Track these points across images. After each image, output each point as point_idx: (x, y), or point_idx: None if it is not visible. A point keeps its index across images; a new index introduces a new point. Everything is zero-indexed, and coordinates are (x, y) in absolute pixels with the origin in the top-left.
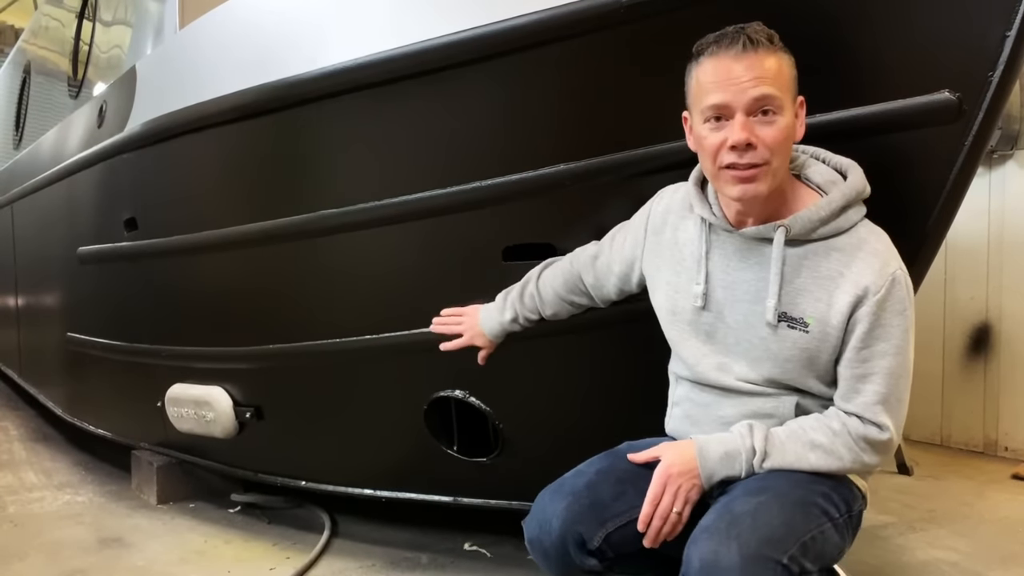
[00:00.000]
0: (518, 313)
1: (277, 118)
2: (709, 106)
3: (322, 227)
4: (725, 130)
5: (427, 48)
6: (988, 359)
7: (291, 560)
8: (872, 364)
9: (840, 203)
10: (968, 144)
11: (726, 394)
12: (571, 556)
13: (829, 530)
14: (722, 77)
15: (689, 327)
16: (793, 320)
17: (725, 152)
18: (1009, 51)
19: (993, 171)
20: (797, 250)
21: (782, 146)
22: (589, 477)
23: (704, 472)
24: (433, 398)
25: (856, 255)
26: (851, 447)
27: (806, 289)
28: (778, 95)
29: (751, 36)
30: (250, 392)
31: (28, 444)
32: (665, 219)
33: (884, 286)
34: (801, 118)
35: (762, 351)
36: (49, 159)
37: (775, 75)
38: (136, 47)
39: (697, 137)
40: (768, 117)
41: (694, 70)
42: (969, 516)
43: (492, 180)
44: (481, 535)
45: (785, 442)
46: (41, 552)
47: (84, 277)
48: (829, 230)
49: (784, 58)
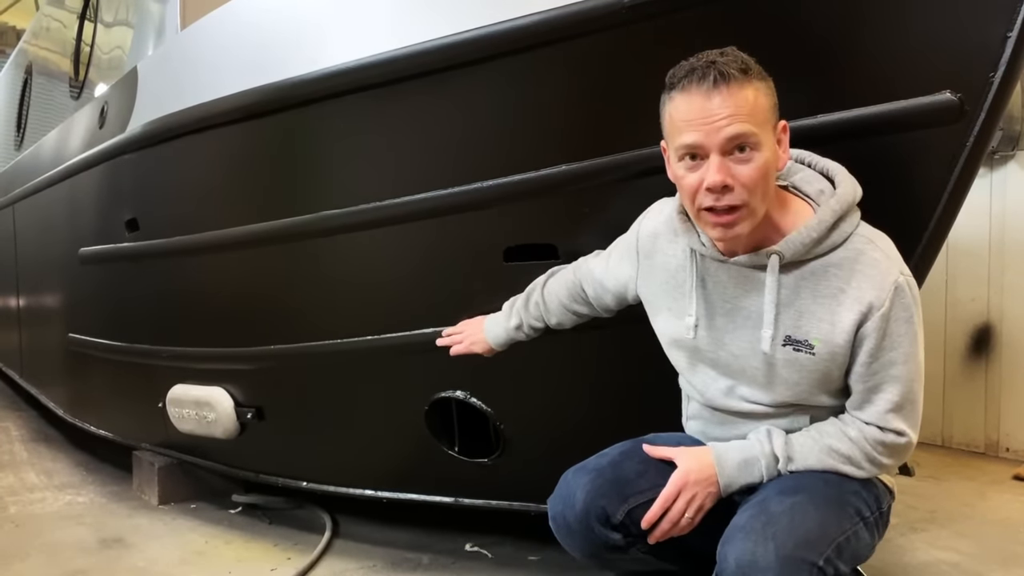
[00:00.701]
0: (523, 321)
1: (278, 119)
2: (682, 145)
3: (323, 228)
4: (701, 170)
5: (429, 49)
6: (989, 360)
7: (292, 561)
8: (883, 375)
9: (831, 219)
10: (969, 145)
11: (739, 416)
12: (594, 531)
13: (861, 530)
14: (693, 116)
15: (695, 355)
16: (799, 343)
17: (702, 194)
18: (1010, 52)
19: (994, 172)
20: (794, 273)
21: (760, 184)
22: (612, 457)
23: (723, 480)
24: (434, 399)
25: (855, 269)
26: (869, 453)
27: (808, 311)
28: (754, 131)
29: (721, 70)
30: (251, 393)
31: (29, 445)
32: (654, 243)
33: (887, 298)
34: (784, 144)
35: (770, 377)
36: (50, 160)
37: (750, 110)
38: (137, 48)
39: (674, 175)
40: (745, 155)
41: (666, 104)
42: (970, 517)
43: (494, 181)
44: (482, 536)
45: (805, 446)
46: (42, 552)
47: (85, 278)
48: (824, 248)
49: (760, 87)
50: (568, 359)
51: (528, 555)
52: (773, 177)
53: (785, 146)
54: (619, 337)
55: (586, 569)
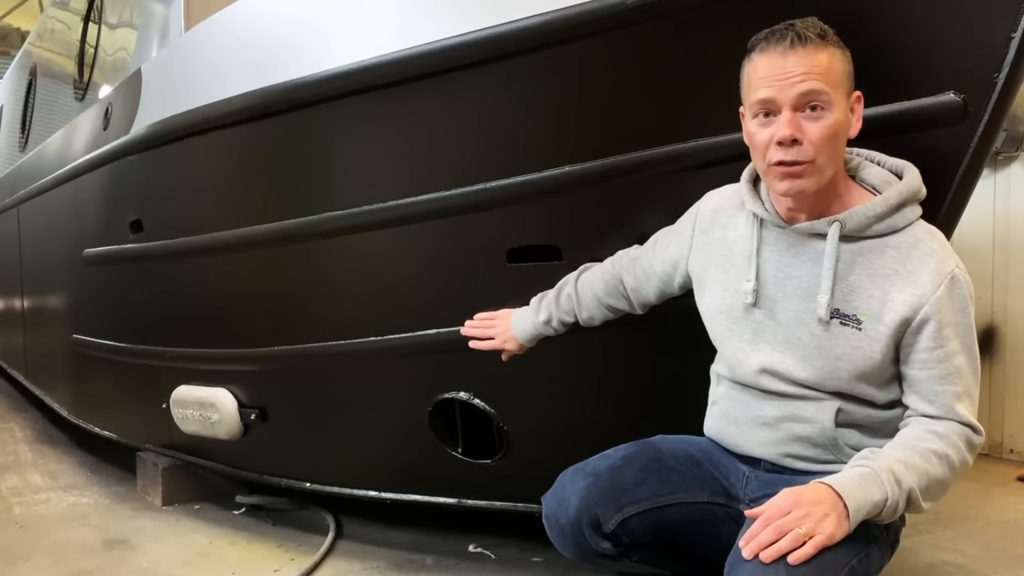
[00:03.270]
0: (552, 315)
1: (282, 120)
2: (756, 101)
3: (326, 229)
4: (773, 126)
5: (432, 50)
6: (993, 361)
7: (296, 562)
8: (948, 364)
9: (896, 200)
10: (973, 146)
11: (766, 396)
12: (585, 536)
13: (874, 550)
14: (770, 73)
15: (737, 325)
16: (846, 317)
17: (773, 148)
18: (1014, 52)
19: (998, 173)
20: (851, 246)
21: (829, 143)
22: (614, 461)
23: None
24: (438, 400)
25: (912, 253)
26: (959, 449)
27: (860, 286)
28: (826, 90)
29: (799, 32)
30: (255, 394)
31: (33, 446)
32: (714, 218)
33: (943, 284)
34: (858, 113)
35: (813, 348)
36: (55, 161)
37: (824, 70)
38: (141, 50)
39: (748, 133)
40: (816, 113)
41: (746, 66)
42: (975, 519)
43: (497, 182)
44: (486, 537)
45: (908, 459)
46: (46, 553)
47: (90, 279)
48: (884, 227)
49: (836, 53)
50: (572, 360)
51: (532, 556)
52: (843, 141)
53: (858, 115)
54: (623, 338)
55: (590, 571)
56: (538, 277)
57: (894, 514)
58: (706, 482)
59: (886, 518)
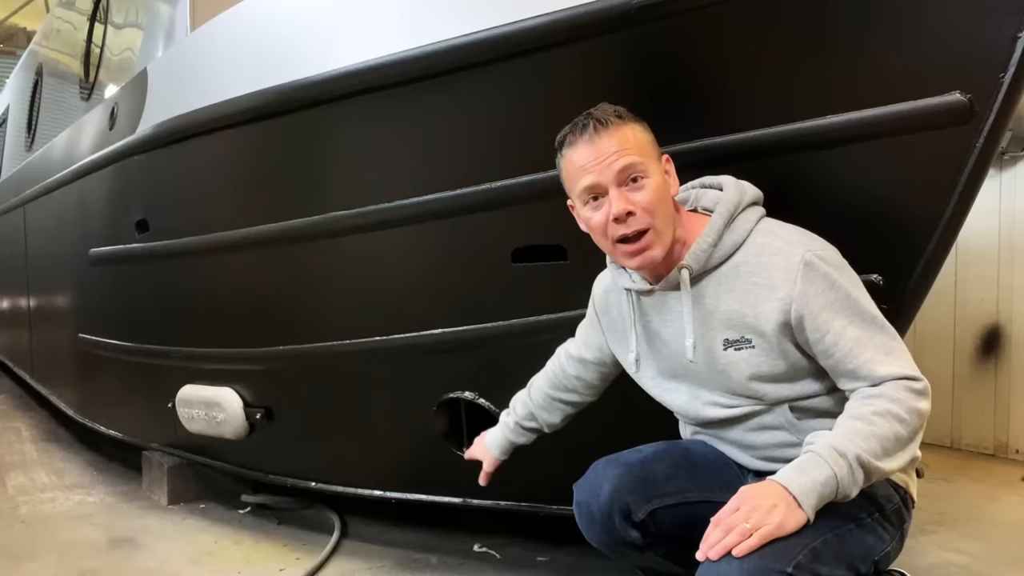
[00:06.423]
0: (514, 422)
1: (288, 120)
2: (583, 189)
3: (331, 229)
4: (604, 207)
5: (438, 50)
6: (999, 361)
7: (301, 561)
8: (844, 342)
9: (721, 222)
10: (979, 146)
11: (726, 425)
12: (615, 524)
13: (853, 531)
14: (587, 160)
15: (657, 387)
16: (739, 342)
17: (611, 226)
18: (1020, 52)
19: (1004, 172)
20: (710, 280)
21: (659, 206)
22: (645, 455)
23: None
24: (443, 400)
25: (761, 261)
26: (899, 401)
27: (734, 310)
28: (640, 160)
29: (599, 118)
30: (260, 393)
31: (40, 444)
32: (607, 300)
33: (796, 276)
34: (672, 174)
35: (726, 379)
36: (61, 161)
37: (633, 144)
38: (147, 49)
39: (583, 220)
40: (638, 184)
41: (560, 162)
42: (980, 519)
43: (503, 182)
44: (491, 537)
45: (848, 428)
46: (52, 552)
47: (96, 278)
48: (727, 249)
49: (635, 127)
50: None
51: (536, 556)
52: (670, 201)
53: (673, 175)
54: None
55: (595, 570)
56: (542, 277)
57: (855, 484)
58: (732, 485)
59: (851, 491)
